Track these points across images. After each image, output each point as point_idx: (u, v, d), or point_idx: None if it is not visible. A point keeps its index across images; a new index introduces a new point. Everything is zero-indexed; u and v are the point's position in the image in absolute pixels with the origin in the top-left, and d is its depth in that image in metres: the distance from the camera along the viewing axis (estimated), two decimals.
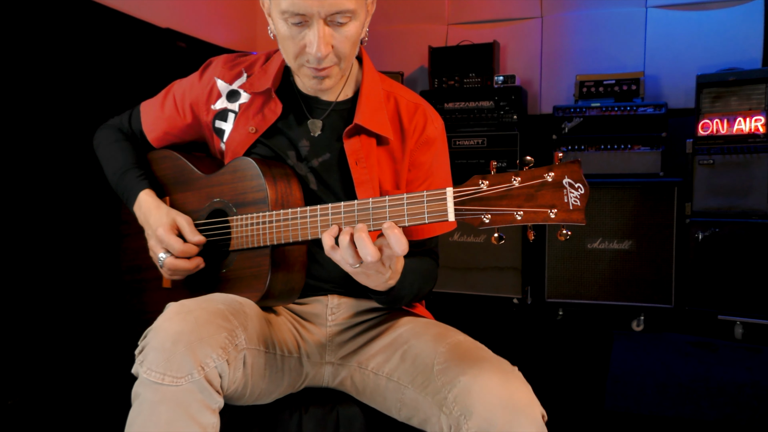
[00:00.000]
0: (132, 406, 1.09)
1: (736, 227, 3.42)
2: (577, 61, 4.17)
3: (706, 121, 3.57)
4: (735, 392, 2.66)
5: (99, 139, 1.60)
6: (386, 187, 1.39)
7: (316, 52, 1.21)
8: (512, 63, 4.34)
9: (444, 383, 1.16)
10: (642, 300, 3.56)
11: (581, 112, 3.78)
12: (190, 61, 3.68)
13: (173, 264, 1.36)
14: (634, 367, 3.01)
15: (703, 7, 3.95)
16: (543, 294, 3.71)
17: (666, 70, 3.99)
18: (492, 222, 0.98)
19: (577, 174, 0.94)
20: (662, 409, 2.52)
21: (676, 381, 2.80)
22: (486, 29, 4.37)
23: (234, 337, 1.14)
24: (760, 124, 3.44)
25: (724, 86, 3.54)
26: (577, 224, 0.93)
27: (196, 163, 1.48)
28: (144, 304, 1.56)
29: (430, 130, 1.42)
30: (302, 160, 1.41)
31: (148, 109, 1.57)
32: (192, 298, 1.19)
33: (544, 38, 4.29)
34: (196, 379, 1.07)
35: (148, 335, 1.12)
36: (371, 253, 1.04)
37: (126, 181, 1.49)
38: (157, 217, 1.41)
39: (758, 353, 3.21)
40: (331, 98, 1.43)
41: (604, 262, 3.60)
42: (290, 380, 1.35)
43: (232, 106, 1.45)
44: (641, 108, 3.68)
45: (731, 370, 2.93)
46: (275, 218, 1.27)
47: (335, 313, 1.42)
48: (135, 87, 3.05)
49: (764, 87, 3.45)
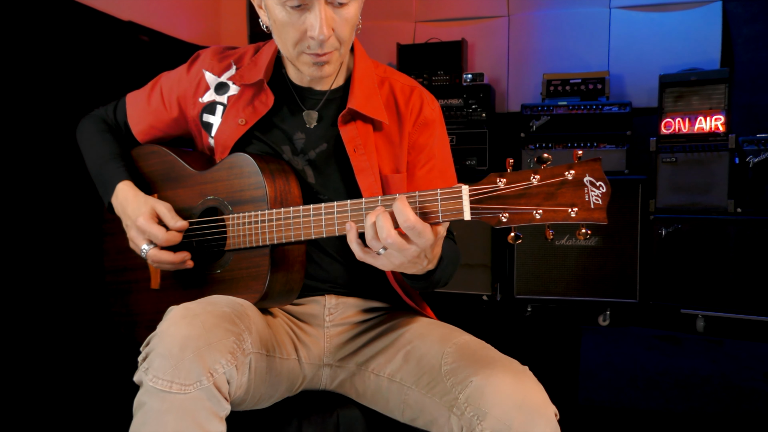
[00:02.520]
0: (135, 417, 1.05)
1: (698, 223, 3.51)
2: (544, 60, 4.22)
3: (669, 119, 3.66)
4: (702, 384, 2.74)
5: (82, 128, 1.54)
6: (386, 173, 1.36)
7: (318, 34, 1.19)
8: (480, 61, 4.36)
9: (454, 384, 1.15)
10: (608, 295, 3.63)
11: (548, 110, 3.82)
12: (153, 56, 3.58)
13: (157, 256, 1.31)
14: (604, 362, 3.06)
15: (664, 9, 4.04)
16: (512, 291, 3.75)
17: (630, 69, 4.07)
18: (510, 221, 0.97)
19: (598, 172, 0.93)
20: (635, 401, 2.57)
21: (645, 374, 2.86)
22: (453, 27, 4.38)
23: (242, 342, 1.11)
24: (720, 123, 3.54)
25: (686, 86, 3.63)
26: (598, 223, 0.92)
27: (187, 159, 1.43)
28: (129, 306, 1.50)
29: (427, 111, 1.41)
30: (298, 154, 1.37)
31: (134, 101, 1.51)
32: (194, 301, 1.14)
33: (511, 37, 4.32)
34: (206, 386, 1.03)
35: (152, 341, 1.07)
36: (389, 233, 1.02)
37: (105, 171, 1.43)
38: (135, 207, 1.35)
39: (720, 345, 3.31)
40: (325, 88, 1.40)
41: (571, 259, 3.66)
42: (288, 384, 1.32)
43: (220, 99, 1.41)
44: (606, 107, 3.75)
45: (696, 363, 3.01)
46: (275, 216, 1.23)
47: (333, 314, 1.39)
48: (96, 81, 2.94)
49: (724, 87, 3.55)
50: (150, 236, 1.31)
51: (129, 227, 1.36)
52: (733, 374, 2.84)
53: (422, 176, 1.40)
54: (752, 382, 2.74)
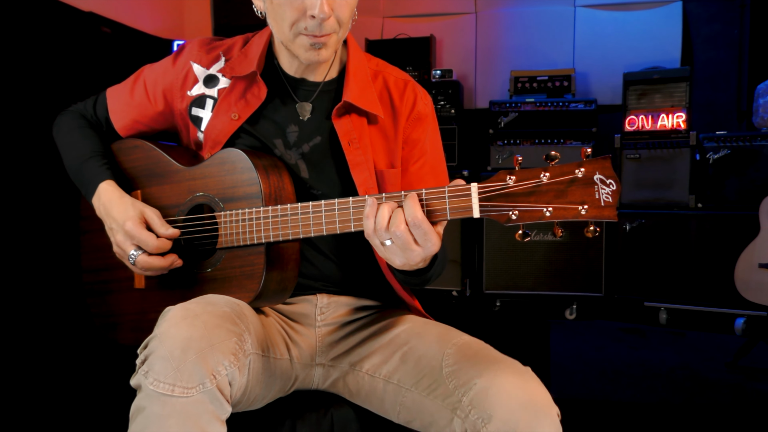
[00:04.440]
0: (133, 422, 1.01)
1: (661, 218, 3.61)
2: (510, 57, 4.26)
3: (633, 117, 3.74)
4: (669, 375, 2.82)
5: (60, 124, 1.47)
6: (380, 167, 1.35)
7: (319, 12, 1.16)
8: (448, 57, 4.38)
9: (457, 386, 1.13)
10: (574, 289, 3.70)
11: (516, 107, 3.86)
12: (115, 48, 3.48)
13: (147, 262, 1.27)
14: (574, 355, 3.12)
15: (627, 8, 4.13)
16: (481, 286, 3.78)
17: (594, 67, 4.15)
18: (519, 218, 0.97)
19: (609, 170, 0.94)
20: (606, 394, 2.62)
21: (614, 366, 2.92)
22: (422, 23, 4.38)
23: (243, 342, 1.08)
24: (682, 120, 3.64)
25: (649, 84, 3.72)
26: (608, 221, 0.93)
27: (173, 154, 1.38)
28: (110, 306, 1.45)
29: (421, 106, 1.39)
30: (291, 148, 1.34)
31: (115, 96, 1.45)
32: (192, 301, 1.10)
33: (479, 33, 4.36)
34: (208, 388, 1.00)
35: (150, 343, 1.03)
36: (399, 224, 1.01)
37: (86, 170, 1.37)
38: (122, 210, 1.30)
39: (682, 337, 3.41)
40: (318, 79, 1.37)
41: (539, 254, 3.71)
42: (281, 384, 1.30)
43: (210, 92, 1.37)
44: (573, 104, 3.81)
45: (662, 354, 3.10)
46: (272, 214, 1.20)
47: (324, 313, 1.37)
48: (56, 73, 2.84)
49: (685, 85, 3.65)
50: (139, 242, 1.27)
51: (115, 231, 1.31)
52: (697, 365, 2.93)
53: (414, 172, 1.39)
54: (715, 372, 2.83)
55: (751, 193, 3.41)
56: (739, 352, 2.89)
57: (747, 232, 3.05)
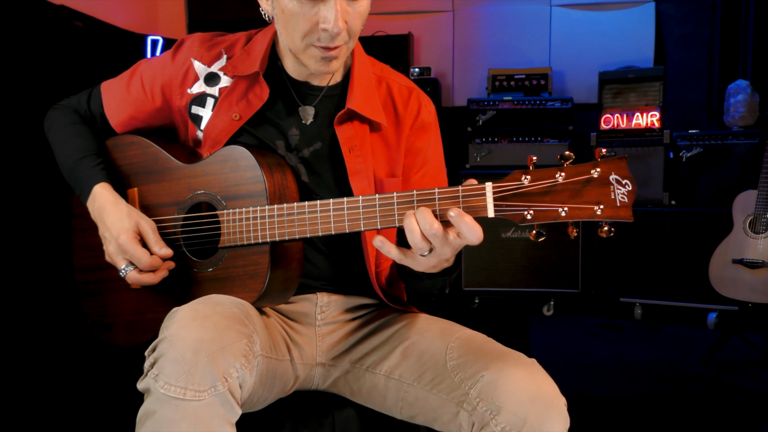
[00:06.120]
0: (142, 426, 0.98)
1: (635, 215, 3.65)
2: (488, 55, 4.29)
3: (608, 115, 3.80)
4: (646, 369, 2.87)
5: (52, 120, 1.43)
6: (380, 176, 1.33)
7: (333, 27, 1.14)
8: (426, 55, 4.39)
9: (463, 379, 1.14)
10: (552, 286, 3.74)
11: (494, 105, 3.89)
12: (87, 42, 3.40)
13: (137, 279, 1.25)
14: (553, 350, 3.16)
15: (602, 8, 4.19)
16: (460, 283, 3.80)
17: (570, 66, 4.20)
18: (534, 218, 0.97)
19: (624, 170, 0.95)
20: (587, 389, 2.66)
21: (593, 361, 2.97)
22: (399, 21, 4.38)
23: (252, 344, 1.06)
24: (656, 119, 3.71)
25: (624, 83, 3.78)
26: (624, 221, 0.94)
27: (171, 151, 1.35)
28: (104, 306, 1.41)
29: (425, 114, 1.38)
30: (292, 151, 1.32)
31: (111, 91, 1.41)
32: (198, 301, 1.08)
33: (456, 32, 4.37)
34: (220, 391, 0.98)
35: (159, 345, 1.00)
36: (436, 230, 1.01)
37: (80, 170, 1.34)
38: (117, 219, 1.27)
39: (657, 332, 3.48)
40: (322, 83, 1.35)
41: (517, 251, 3.75)
42: (282, 385, 1.28)
43: (211, 91, 1.34)
44: (549, 102, 3.86)
45: (639, 349, 3.15)
46: (277, 213, 1.18)
47: (324, 312, 1.36)
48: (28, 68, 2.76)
49: (659, 85, 3.72)
50: (132, 258, 1.24)
51: (108, 241, 1.28)
52: (673, 359, 2.99)
53: (416, 182, 1.38)
54: (692, 366, 2.89)
55: (724, 190, 3.49)
56: (713, 346, 2.96)
57: (720, 228, 3.12)
